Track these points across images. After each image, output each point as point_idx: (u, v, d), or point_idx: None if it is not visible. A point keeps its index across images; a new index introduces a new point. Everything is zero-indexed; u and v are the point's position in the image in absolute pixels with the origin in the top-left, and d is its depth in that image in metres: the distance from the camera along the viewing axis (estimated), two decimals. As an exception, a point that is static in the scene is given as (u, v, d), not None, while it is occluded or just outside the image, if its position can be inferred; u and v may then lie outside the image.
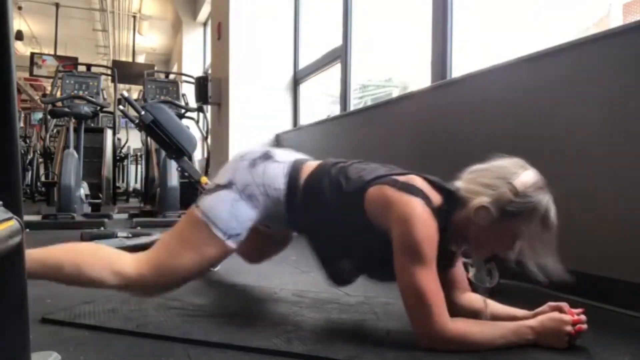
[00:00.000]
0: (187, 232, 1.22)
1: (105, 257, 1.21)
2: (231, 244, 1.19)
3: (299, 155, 1.34)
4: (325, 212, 1.19)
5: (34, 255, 1.17)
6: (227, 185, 1.23)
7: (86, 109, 4.15)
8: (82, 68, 5.56)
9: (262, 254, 1.62)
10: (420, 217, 1.03)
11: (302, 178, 1.23)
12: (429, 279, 1.02)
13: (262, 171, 1.24)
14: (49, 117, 4.72)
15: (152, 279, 1.17)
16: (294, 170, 1.25)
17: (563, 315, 1.08)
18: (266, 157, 1.28)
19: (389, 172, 1.15)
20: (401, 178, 1.11)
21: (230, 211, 1.20)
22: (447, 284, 1.16)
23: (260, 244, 1.53)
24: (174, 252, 1.20)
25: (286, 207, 1.23)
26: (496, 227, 1.06)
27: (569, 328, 1.06)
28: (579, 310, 1.10)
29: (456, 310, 1.14)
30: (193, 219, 1.22)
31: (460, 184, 1.13)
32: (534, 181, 1.06)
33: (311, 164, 1.28)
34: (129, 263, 1.19)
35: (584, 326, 1.07)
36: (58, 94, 4.62)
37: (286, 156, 1.30)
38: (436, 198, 1.10)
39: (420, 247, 1.02)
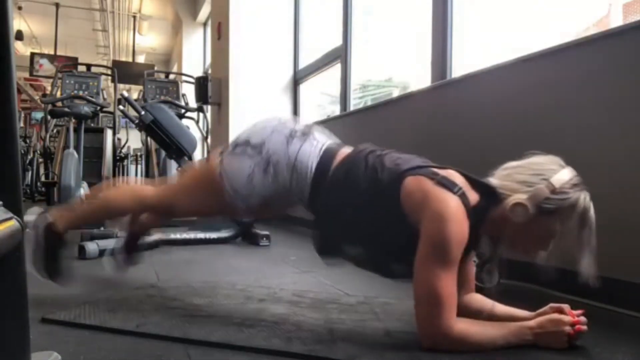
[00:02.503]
0: (203, 179, 1.35)
1: (128, 190, 1.53)
2: (239, 202, 1.26)
3: (335, 139, 1.35)
4: (355, 196, 1.16)
5: (72, 213, 1.48)
6: (257, 148, 1.25)
7: (86, 109, 4.14)
8: (82, 68, 5.56)
9: (265, 215, 1.71)
10: (455, 216, 1.02)
11: (335, 161, 1.23)
12: (447, 281, 1.01)
13: (298, 147, 1.24)
14: (49, 117, 4.72)
15: (167, 202, 1.39)
16: (329, 152, 1.25)
17: (562, 316, 1.08)
18: (306, 134, 1.28)
19: (426, 164, 1.14)
20: (441, 172, 1.10)
21: (247, 174, 1.23)
22: (458, 284, 1.15)
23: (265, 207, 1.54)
24: (190, 190, 1.39)
25: (312, 185, 1.22)
26: (532, 225, 1.05)
27: (568, 329, 1.06)
28: (580, 311, 1.10)
29: (459, 309, 1.14)
30: (212, 171, 1.29)
31: (494, 180, 1.11)
32: (570, 178, 1.05)
33: (346, 150, 1.27)
34: (150, 189, 1.46)
35: (584, 327, 1.07)
36: (58, 94, 4.62)
37: (323, 138, 1.31)
38: (473, 196, 1.08)
39: (449, 248, 1.00)
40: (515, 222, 1.05)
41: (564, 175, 1.05)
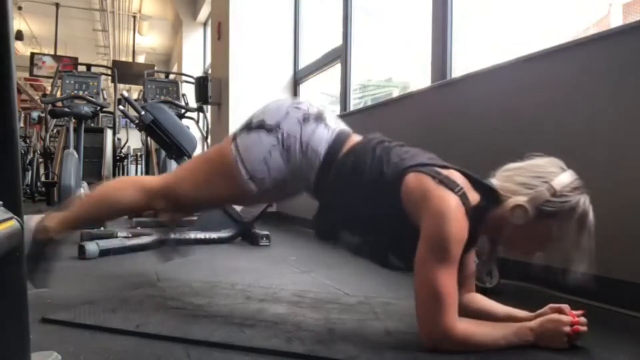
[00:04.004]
0: (216, 160, 1.30)
1: (127, 182, 1.44)
2: (252, 186, 1.23)
3: (346, 126, 1.35)
4: (358, 185, 1.17)
5: (70, 215, 1.40)
6: (272, 128, 1.24)
7: (86, 109, 4.15)
8: (82, 68, 5.56)
9: (273, 199, 1.64)
10: (455, 215, 1.02)
11: (344, 148, 1.23)
12: (448, 279, 1.01)
13: (312, 131, 1.24)
14: (49, 117, 4.72)
15: (174, 192, 1.31)
16: (339, 138, 1.25)
17: (562, 316, 1.08)
18: (319, 117, 1.28)
19: (430, 162, 1.14)
20: (443, 171, 1.10)
21: (264, 156, 1.22)
22: (458, 283, 1.16)
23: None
24: (195, 180, 1.31)
25: (318, 171, 1.23)
26: (531, 227, 1.05)
27: (567, 329, 1.06)
28: (580, 312, 1.10)
29: (460, 309, 1.14)
30: (225, 151, 1.26)
31: (495, 182, 1.11)
32: (571, 181, 1.06)
33: (355, 138, 1.28)
34: (153, 180, 1.38)
35: (583, 327, 1.07)
36: (58, 94, 4.62)
37: (336, 124, 1.31)
38: (474, 196, 1.08)
39: (448, 246, 1.01)
40: (514, 224, 1.05)
41: (564, 178, 1.06)
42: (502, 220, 1.07)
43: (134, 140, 7.75)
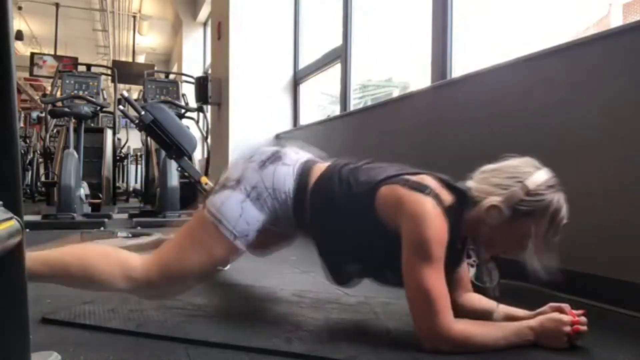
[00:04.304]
0: (196, 233, 1.22)
1: (113, 260, 1.19)
2: (240, 244, 1.19)
3: (308, 155, 1.32)
4: (335, 214, 1.18)
5: (39, 257, 1.15)
6: (235, 186, 1.22)
7: (86, 109, 4.15)
8: (82, 68, 5.56)
9: (269, 248, 1.60)
10: (431, 215, 1.03)
11: (311, 181, 1.22)
12: (436, 279, 1.02)
13: (272, 174, 1.22)
14: (49, 117, 4.72)
15: (160, 281, 1.17)
16: (303, 172, 1.24)
17: (562, 315, 1.08)
18: (276, 158, 1.25)
19: (399, 172, 1.14)
20: (412, 177, 1.11)
21: (239, 213, 1.19)
22: (452, 284, 1.16)
23: (267, 239, 1.51)
24: (182, 253, 1.20)
25: (294, 210, 1.22)
26: (508, 227, 1.06)
27: (567, 328, 1.06)
28: (580, 311, 1.10)
29: (457, 309, 1.14)
30: (201, 220, 1.21)
31: (471, 183, 1.13)
32: (545, 180, 1.06)
33: (321, 166, 1.26)
34: (137, 265, 1.17)
35: (583, 327, 1.07)
36: (58, 94, 4.62)
37: (296, 157, 1.28)
38: (447, 197, 1.09)
39: (430, 246, 1.01)
40: (491, 224, 1.06)
41: (538, 177, 1.07)
42: (479, 221, 1.08)
43: (134, 140, 7.76)
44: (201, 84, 4.81)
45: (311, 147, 1.35)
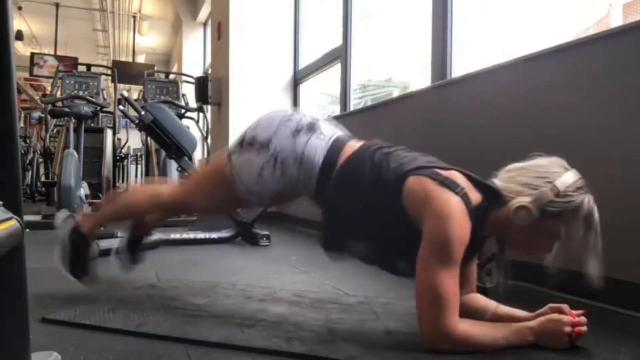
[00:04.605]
0: (218, 176, 1.35)
1: (147, 189, 1.62)
2: (253, 198, 1.29)
3: (343, 132, 1.34)
4: (359, 194, 1.16)
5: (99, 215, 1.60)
6: (264, 145, 1.24)
7: (86, 109, 4.15)
8: (82, 68, 5.56)
9: (277, 204, 1.64)
10: (456, 216, 1.02)
11: (342, 156, 1.22)
12: (449, 280, 1.01)
13: (305, 143, 1.24)
14: (49, 117, 4.72)
15: (183, 199, 1.43)
16: (335, 148, 1.24)
17: (563, 316, 1.08)
18: (312, 127, 1.27)
19: (431, 164, 1.13)
20: (443, 172, 1.10)
21: (257, 176, 1.25)
22: (461, 283, 1.16)
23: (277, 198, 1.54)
24: (205, 188, 1.41)
25: (317, 181, 1.23)
26: (536, 228, 1.05)
27: (568, 329, 1.06)
28: (580, 311, 1.10)
29: (459, 309, 1.14)
30: (222, 170, 1.31)
31: (497, 182, 1.11)
32: (574, 181, 1.05)
33: (353, 144, 1.26)
34: (166, 189, 1.52)
35: (584, 328, 1.07)
36: (58, 94, 4.62)
37: (331, 132, 1.30)
38: (475, 196, 1.08)
39: (450, 247, 1.00)
40: (518, 225, 1.05)
41: (568, 178, 1.05)
42: (506, 221, 1.06)
43: (134, 140, 7.75)
44: (201, 84, 4.81)
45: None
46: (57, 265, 1.48)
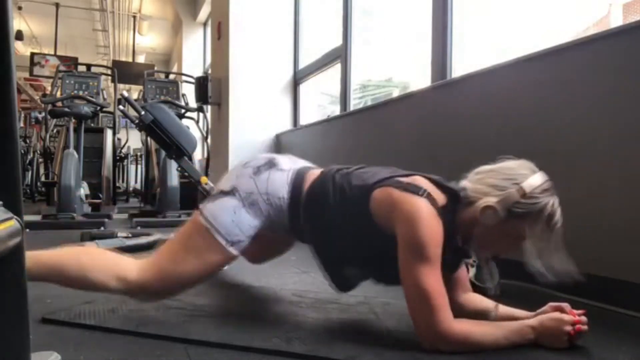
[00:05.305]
0: (190, 238, 1.23)
1: (110, 262, 1.22)
2: (234, 250, 1.20)
3: (303, 163, 1.34)
4: (329, 219, 1.19)
5: (37, 257, 1.18)
6: (230, 192, 1.23)
7: (86, 109, 4.15)
8: (82, 68, 5.56)
9: (265, 255, 1.61)
10: (426, 216, 1.03)
11: (305, 186, 1.23)
12: (433, 279, 1.02)
13: (266, 179, 1.23)
14: (49, 117, 4.72)
15: (155, 285, 1.18)
16: (298, 178, 1.24)
17: (563, 315, 1.09)
18: (270, 164, 1.27)
19: (392, 174, 1.15)
20: (405, 179, 1.12)
21: (232, 218, 1.19)
22: (450, 283, 1.16)
23: (263, 246, 1.52)
24: (176, 258, 1.20)
25: (289, 215, 1.23)
26: (502, 228, 1.07)
27: (568, 328, 1.06)
28: (581, 311, 1.11)
29: (457, 309, 1.14)
30: (196, 225, 1.22)
31: (466, 184, 1.13)
32: (540, 183, 1.07)
33: (314, 172, 1.27)
34: (133, 268, 1.19)
35: (584, 327, 1.07)
36: (58, 94, 4.62)
37: (290, 164, 1.29)
38: (440, 198, 1.10)
39: (425, 247, 1.02)
40: (485, 224, 1.07)
41: (535, 180, 1.07)
42: (474, 221, 1.09)
43: (134, 140, 7.76)
44: (201, 84, 4.81)
45: (306, 150, 1.37)
46: None
